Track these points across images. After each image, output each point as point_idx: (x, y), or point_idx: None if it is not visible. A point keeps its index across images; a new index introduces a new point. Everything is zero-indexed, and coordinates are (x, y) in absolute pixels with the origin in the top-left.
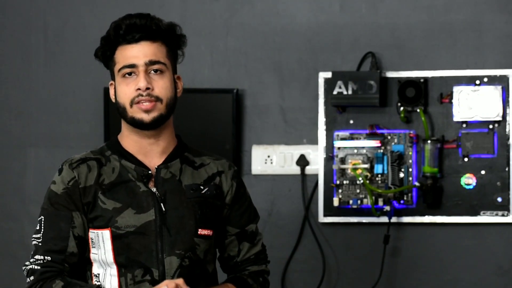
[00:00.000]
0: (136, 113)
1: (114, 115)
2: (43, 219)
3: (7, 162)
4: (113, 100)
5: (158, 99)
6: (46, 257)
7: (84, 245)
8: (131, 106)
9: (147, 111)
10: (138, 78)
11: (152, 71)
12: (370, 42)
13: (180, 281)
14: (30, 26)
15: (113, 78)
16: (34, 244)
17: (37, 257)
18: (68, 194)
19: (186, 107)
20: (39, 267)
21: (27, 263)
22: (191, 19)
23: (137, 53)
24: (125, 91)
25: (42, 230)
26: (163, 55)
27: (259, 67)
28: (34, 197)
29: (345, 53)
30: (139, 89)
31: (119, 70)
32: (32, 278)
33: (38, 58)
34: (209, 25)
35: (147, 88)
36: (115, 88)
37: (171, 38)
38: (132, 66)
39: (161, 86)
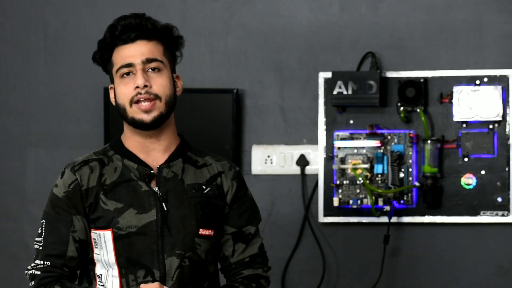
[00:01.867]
0: (136, 113)
1: (114, 115)
2: (44, 223)
3: (7, 162)
4: (114, 103)
5: (157, 97)
6: (45, 262)
7: (85, 248)
8: (130, 105)
9: (146, 111)
10: (136, 76)
11: (150, 70)
12: (370, 42)
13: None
14: (30, 26)
15: (112, 81)
16: (35, 248)
17: (37, 261)
18: (68, 197)
19: (186, 107)
20: (39, 272)
21: (29, 267)
22: (191, 19)
23: (134, 52)
24: (123, 91)
25: (43, 234)
26: (160, 53)
27: (259, 67)
28: (34, 197)
29: (345, 53)
30: (137, 87)
31: (117, 70)
32: (33, 283)
33: (38, 58)
34: (209, 25)
35: (145, 86)
36: (114, 90)
37: (167, 38)
38: (129, 65)
39: (160, 84)
